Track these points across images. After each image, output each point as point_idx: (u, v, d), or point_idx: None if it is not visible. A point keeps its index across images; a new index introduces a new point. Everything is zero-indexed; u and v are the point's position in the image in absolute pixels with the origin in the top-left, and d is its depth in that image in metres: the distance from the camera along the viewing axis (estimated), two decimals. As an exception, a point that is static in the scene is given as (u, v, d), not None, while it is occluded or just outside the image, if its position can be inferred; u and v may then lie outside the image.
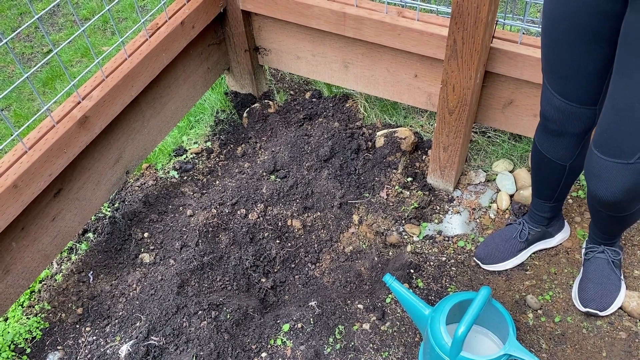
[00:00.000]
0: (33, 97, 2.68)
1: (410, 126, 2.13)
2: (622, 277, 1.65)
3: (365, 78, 1.96)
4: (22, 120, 2.54)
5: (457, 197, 1.94)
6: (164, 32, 1.74)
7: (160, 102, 1.86)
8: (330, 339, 1.60)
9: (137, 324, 1.62)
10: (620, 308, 1.62)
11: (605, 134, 1.19)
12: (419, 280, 1.72)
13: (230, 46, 2.13)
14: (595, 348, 1.56)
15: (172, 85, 1.89)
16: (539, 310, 1.64)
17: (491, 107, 1.81)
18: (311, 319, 1.62)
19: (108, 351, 1.58)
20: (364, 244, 1.84)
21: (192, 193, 2.00)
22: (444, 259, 1.78)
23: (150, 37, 1.72)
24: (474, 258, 1.76)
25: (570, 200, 1.90)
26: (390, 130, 2.07)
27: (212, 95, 2.34)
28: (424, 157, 2.05)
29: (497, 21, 1.59)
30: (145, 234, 1.86)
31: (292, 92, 2.36)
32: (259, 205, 1.88)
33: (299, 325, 1.61)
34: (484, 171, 1.99)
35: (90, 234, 1.90)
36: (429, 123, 2.15)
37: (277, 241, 1.82)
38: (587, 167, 1.28)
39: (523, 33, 1.61)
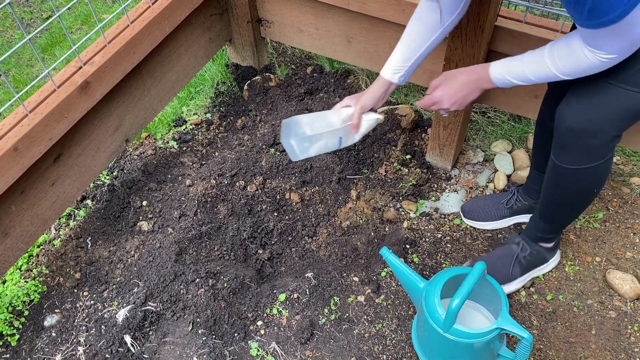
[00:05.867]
0: (32, 63, 2.66)
1: (411, 104, 2.13)
2: (519, 278, 1.66)
3: (368, 54, 1.95)
4: (21, 85, 2.52)
5: (455, 175, 1.96)
6: (166, 0, 1.72)
7: (161, 71, 1.85)
8: (326, 310, 1.62)
9: (135, 290, 1.64)
10: (613, 289, 1.65)
11: None
12: (414, 255, 1.74)
13: (233, 17, 2.12)
14: (585, 326, 1.59)
15: (173, 55, 1.88)
16: (531, 288, 1.67)
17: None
18: (307, 290, 1.64)
19: (106, 315, 1.60)
20: (361, 219, 1.85)
21: (191, 163, 2.00)
22: (439, 235, 1.80)
23: (153, 4, 1.71)
24: (459, 210, 1.82)
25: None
26: (391, 107, 2.07)
27: (213, 66, 2.33)
28: (423, 135, 2.06)
29: (502, -1, 1.58)
30: (144, 202, 1.87)
31: (293, 66, 2.35)
32: (257, 177, 1.89)
33: (295, 295, 1.63)
34: (483, 151, 2.00)
35: (88, 201, 1.90)
36: (429, 101, 2.14)
37: (275, 214, 1.84)
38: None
39: (528, 12, 1.61)
